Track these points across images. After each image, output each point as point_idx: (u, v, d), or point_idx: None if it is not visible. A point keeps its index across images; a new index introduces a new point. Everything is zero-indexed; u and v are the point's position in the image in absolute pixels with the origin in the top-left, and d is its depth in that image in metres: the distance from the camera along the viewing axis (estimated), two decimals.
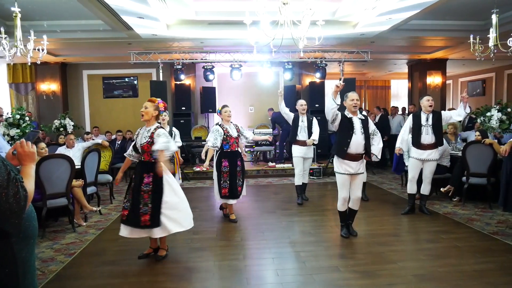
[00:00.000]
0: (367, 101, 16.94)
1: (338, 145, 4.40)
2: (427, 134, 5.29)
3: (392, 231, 4.92)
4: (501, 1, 6.20)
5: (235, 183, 5.27)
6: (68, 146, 6.54)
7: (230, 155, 5.28)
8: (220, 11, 7.14)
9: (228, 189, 5.24)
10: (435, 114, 5.32)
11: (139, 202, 3.81)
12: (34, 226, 2.10)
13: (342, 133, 4.36)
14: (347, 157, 4.32)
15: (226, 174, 5.24)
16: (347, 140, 4.29)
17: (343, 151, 4.33)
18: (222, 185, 5.24)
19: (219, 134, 5.21)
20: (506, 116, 6.69)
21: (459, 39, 8.48)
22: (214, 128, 5.30)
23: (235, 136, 5.33)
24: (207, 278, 3.61)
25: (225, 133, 5.23)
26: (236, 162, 5.31)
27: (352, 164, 4.36)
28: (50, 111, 10.53)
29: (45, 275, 3.68)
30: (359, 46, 9.30)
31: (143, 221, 3.78)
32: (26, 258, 1.97)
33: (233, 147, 5.30)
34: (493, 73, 13.95)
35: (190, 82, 11.08)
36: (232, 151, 5.29)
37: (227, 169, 5.25)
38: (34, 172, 2.01)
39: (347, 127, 4.32)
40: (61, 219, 5.61)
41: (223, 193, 5.24)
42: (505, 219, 5.19)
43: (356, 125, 4.33)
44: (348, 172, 4.38)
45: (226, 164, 5.25)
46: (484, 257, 3.93)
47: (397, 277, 3.51)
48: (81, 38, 7.96)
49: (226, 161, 5.25)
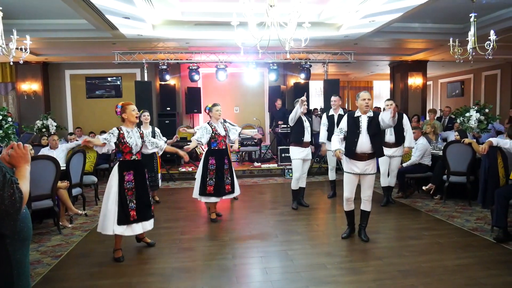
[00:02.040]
0: (350, 102, 17.19)
1: (346, 145, 4.41)
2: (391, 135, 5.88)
3: (376, 228, 5.03)
4: (479, 5, 6.43)
5: (222, 181, 5.32)
6: (52, 147, 6.45)
7: (218, 153, 5.32)
8: (206, 12, 7.16)
9: (213, 187, 5.28)
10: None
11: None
12: (29, 228, 2.10)
13: (348, 134, 4.37)
14: (354, 156, 4.31)
15: (212, 171, 5.29)
16: (354, 139, 4.30)
17: (352, 151, 4.31)
18: (208, 182, 5.28)
19: (207, 131, 5.26)
20: (484, 117, 6.91)
21: (439, 41, 8.72)
22: (203, 125, 5.37)
23: (223, 135, 5.37)
24: (196, 277, 3.64)
25: (214, 131, 5.28)
26: (223, 160, 5.36)
27: (358, 165, 4.32)
28: (32, 111, 10.33)
29: (32, 278, 3.64)
30: (342, 47, 9.45)
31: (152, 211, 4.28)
32: (21, 259, 1.97)
33: (220, 145, 5.33)
34: (471, 75, 14.36)
35: (175, 82, 11.05)
36: (220, 149, 5.33)
37: (213, 167, 5.30)
38: (29, 174, 2.02)
39: (354, 127, 4.33)
40: (45, 221, 5.55)
41: (208, 190, 5.27)
42: (483, 216, 5.38)
43: (363, 124, 4.31)
44: (354, 172, 4.36)
45: (213, 162, 5.30)
46: (465, 252, 4.08)
47: (383, 273, 3.61)
48: (64, 37, 7.85)
49: (213, 159, 5.30)
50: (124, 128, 4.09)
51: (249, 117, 11.61)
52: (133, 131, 4.14)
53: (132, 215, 4.02)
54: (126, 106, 4.13)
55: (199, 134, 5.24)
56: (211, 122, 5.37)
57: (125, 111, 4.10)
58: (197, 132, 5.36)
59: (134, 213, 4.03)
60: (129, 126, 4.12)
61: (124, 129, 4.08)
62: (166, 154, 10.30)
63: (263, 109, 11.98)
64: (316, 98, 15.97)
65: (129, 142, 4.04)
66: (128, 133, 4.07)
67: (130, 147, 4.04)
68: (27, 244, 2.04)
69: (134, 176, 4.07)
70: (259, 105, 11.99)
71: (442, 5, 6.58)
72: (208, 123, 5.37)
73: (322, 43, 8.92)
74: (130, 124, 4.12)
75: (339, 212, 5.85)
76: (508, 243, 4.26)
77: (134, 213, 4.03)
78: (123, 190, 3.99)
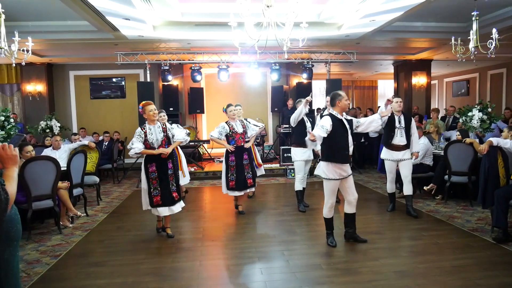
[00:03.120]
0: (355, 101, 17.11)
1: (334, 150, 4.14)
2: (401, 136, 5.44)
3: (375, 229, 5.02)
4: (482, 3, 6.36)
5: (243, 175, 5.69)
6: (54, 147, 6.52)
7: (237, 150, 5.66)
8: (206, 13, 7.17)
9: (235, 182, 5.66)
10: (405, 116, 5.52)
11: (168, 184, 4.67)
12: (18, 229, 2.13)
13: (337, 137, 4.12)
14: (348, 159, 4.18)
15: (233, 167, 5.68)
16: (346, 142, 4.16)
17: (345, 155, 4.13)
18: (229, 178, 5.69)
19: (224, 130, 5.67)
20: (487, 116, 6.84)
21: (442, 40, 8.63)
22: (221, 125, 5.72)
23: (241, 132, 5.71)
24: (192, 277, 3.65)
25: (231, 129, 5.66)
26: (242, 156, 5.71)
27: (345, 168, 4.19)
28: (36, 112, 10.43)
29: (30, 277, 3.69)
30: (345, 47, 9.41)
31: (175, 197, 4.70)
32: (9, 260, 2.00)
33: (239, 142, 5.68)
34: (476, 74, 14.21)
35: (177, 83, 11.09)
36: (238, 146, 5.67)
37: (233, 163, 5.69)
38: (17, 175, 2.04)
39: (342, 129, 4.17)
40: (47, 221, 5.60)
41: (230, 185, 5.69)
42: (485, 216, 5.33)
43: (347, 126, 4.23)
44: (342, 177, 4.19)
45: (232, 158, 5.69)
46: (462, 253, 4.05)
47: (378, 273, 3.60)
48: (66, 39, 7.91)
49: (233, 156, 5.68)
50: (147, 126, 4.63)
51: (252, 117, 11.38)
52: (155, 127, 4.64)
53: (156, 201, 4.63)
54: (146, 106, 4.61)
55: (217, 134, 5.65)
56: (229, 121, 5.74)
57: (145, 111, 4.61)
58: (215, 130, 5.71)
59: (158, 199, 4.63)
60: (150, 124, 4.63)
61: (147, 127, 4.62)
62: None
63: (266, 109, 11.97)
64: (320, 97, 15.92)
65: (149, 139, 4.57)
66: (150, 130, 4.61)
67: (151, 143, 4.57)
68: (15, 244, 2.06)
69: (156, 167, 4.63)
70: (262, 105, 11.99)
71: (444, 3, 6.52)
72: (226, 122, 5.75)
73: (323, 42, 8.89)
74: (150, 122, 4.62)
75: (339, 212, 5.83)
76: (508, 244, 4.22)
77: (158, 198, 4.63)
78: (148, 179, 4.64)
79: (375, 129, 4.61)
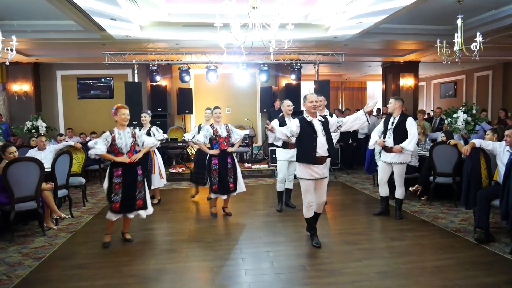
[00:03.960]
0: (344, 102, 17.22)
1: (302, 151, 4.22)
2: (389, 138, 5.33)
3: (361, 230, 5.05)
4: (466, 7, 6.45)
5: (226, 179, 5.58)
6: (39, 148, 6.44)
7: (220, 154, 5.57)
8: (193, 13, 7.15)
9: (217, 185, 5.57)
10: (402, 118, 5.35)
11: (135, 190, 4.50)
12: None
13: (305, 138, 4.19)
14: (316, 161, 4.17)
15: (215, 171, 5.57)
16: (313, 144, 4.16)
17: (312, 156, 4.15)
18: (212, 181, 5.61)
19: (209, 133, 5.57)
20: (471, 118, 6.93)
21: (429, 42, 8.73)
22: (206, 128, 5.64)
23: (225, 136, 5.61)
24: (175, 279, 3.64)
25: (215, 133, 5.56)
26: (226, 160, 5.61)
27: (317, 169, 4.22)
28: (22, 112, 10.30)
29: (11, 280, 3.64)
30: (333, 48, 9.47)
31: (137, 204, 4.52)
32: None
33: (222, 146, 5.58)
34: (463, 76, 14.41)
35: (166, 83, 11.04)
36: (222, 150, 5.57)
37: (216, 167, 5.57)
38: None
39: (310, 131, 4.19)
40: (31, 223, 5.53)
41: (214, 188, 5.61)
42: (468, 217, 5.40)
43: (317, 127, 4.22)
44: (314, 177, 4.24)
45: (215, 162, 5.57)
46: (445, 253, 4.10)
47: (361, 274, 3.62)
48: (53, 38, 7.83)
49: (216, 159, 5.57)
50: (116, 130, 4.45)
51: (241, 118, 11.60)
52: (124, 132, 4.47)
53: (114, 207, 4.41)
54: (120, 109, 4.46)
55: (202, 138, 5.55)
56: (213, 124, 5.67)
57: (117, 114, 4.45)
58: (200, 134, 5.63)
59: (117, 206, 4.41)
60: (120, 128, 4.47)
61: (116, 131, 4.44)
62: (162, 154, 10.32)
63: (255, 110, 11.97)
64: None
65: (118, 143, 4.39)
66: (119, 135, 4.42)
67: (119, 148, 4.40)
68: None
69: (122, 172, 4.42)
70: (251, 106, 11.99)
71: (430, 6, 6.60)
72: (210, 125, 5.69)
73: (312, 44, 8.93)
74: (120, 126, 4.46)
75: (325, 213, 5.86)
76: (489, 244, 4.29)
77: (117, 205, 4.41)
78: (111, 183, 4.42)
79: (361, 127, 4.60)
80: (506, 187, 4.07)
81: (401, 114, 5.36)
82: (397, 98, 5.46)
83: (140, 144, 4.61)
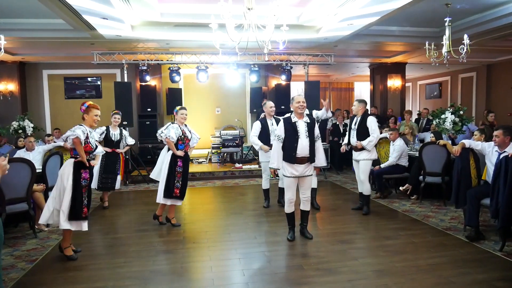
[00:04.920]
0: (332, 103, 17.36)
1: (285, 150, 4.43)
2: (353, 137, 5.71)
3: (354, 229, 5.12)
4: (454, 10, 6.60)
5: (185, 183, 5.35)
6: (28, 149, 6.33)
7: (185, 156, 5.31)
8: (185, 14, 7.13)
9: (179, 190, 5.25)
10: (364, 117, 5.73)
11: None
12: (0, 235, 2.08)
13: (287, 138, 4.41)
14: (295, 160, 4.38)
15: (179, 174, 5.26)
16: (294, 144, 4.37)
17: (292, 156, 4.38)
18: (175, 185, 5.21)
19: (178, 133, 5.21)
20: (459, 119, 7.09)
21: (417, 44, 8.90)
22: (174, 126, 5.22)
23: (189, 138, 5.38)
24: (173, 280, 3.63)
25: (183, 133, 5.26)
26: (188, 163, 5.42)
27: (298, 168, 4.42)
28: (8, 112, 10.07)
29: (5, 283, 3.57)
30: (323, 49, 9.55)
31: None
32: None
33: (186, 148, 5.36)
34: (448, 77, 14.70)
35: (155, 83, 10.96)
36: (186, 152, 5.35)
37: (181, 169, 5.28)
38: None
39: (293, 132, 4.39)
40: (21, 225, 5.44)
41: (174, 193, 5.21)
42: (457, 216, 5.52)
43: (301, 129, 4.40)
44: (294, 175, 4.45)
45: (180, 164, 5.28)
46: (437, 251, 4.19)
47: (357, 273, 3.68)
48: (40, 37, 7.69)
49: (181, 162, 5.28)
50: (88, 129, 4.22)
51: (231, 118, 11.60)
52: (92, 132, 4.30)
53: (85, 212, 4.21)
54: (92, 108, 4.24)
55: (174, 135, 5.16)
56: (178, 124, 5.28)
57: (88, 113, 4.22)
58: (169, 132, 5.19)
59: (86, 210, 4.23)
60: (88, 127, 4.24)
61: (88, 129, 4.21)
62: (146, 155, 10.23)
63: (245, 110, 11.98)
64: None
65: (91, 142, 4.22)
66: (90, 133, 4.24)
67: (92, 147, 4.23)
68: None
69: (89, 174, 4.25)
70: (241, 107, 12.00)
71: (418, 9, 6.71)
72: (178, 125, 5.27)
73: (302, 45, 9.00)
74: (89, 126, 4.26)
75: (317, 212, 5.92)
76: (479, 242, 4.40)
77: (86, 209, 4.23)
78: (79, 187, 4.14)
79: None
80: (496, 186, 4.18)
81: (363, 114, 5.71)
82: (361, 100, 5.89)
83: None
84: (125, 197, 7.52)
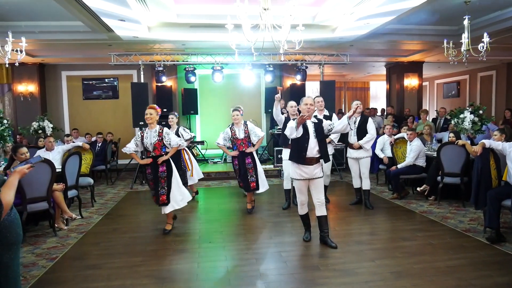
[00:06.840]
0: (347, 102, 17.23)
1: (294, 150, 4.35)
2: (354, 136, 5.94)
3: (370, 230, 5.08)
4: (473, 7, 6.47)
5: (247, 179, 5.81)
6: (48, 149, 6.45)
7: (239, 155, 5.80)
8: (201, 14, 7.17)
9: (242, 183, 5.94)
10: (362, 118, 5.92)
11: (158, 186, 4.85)
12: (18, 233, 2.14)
13: (297, 138, 4.25)
14: (304, 161, 4.27)
15: (237, 171, 5.95)
16: (304, 145, 4.26)
17: (301, 156, 4.27)
18: (238, 179, 6.05)
19: (228, 136, 5.85)
20: (478, 118, 6.95)
21: (434, 43, 8.75)
22: (225, 131, 5.90)
23: (241, 138, 5.77)
24: (190, 279, 3.66)
25: (232, 135, 5.79)
26: (245, 161, 5.80)
27: (307, 170, 4.30)
28: (28, 112, 10.31)
29: (27, 281, 3.66)
30: (338, 49, 9.48)
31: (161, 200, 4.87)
32: (8, 263, 2.00)
33: (240, 148, 5.78)
34: (467, 76, 14.42)
35: (171, 83, 11.06)
36: (240, 151, 5.78)
37: (237, 167, 5.91)
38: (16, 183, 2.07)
39: (302, 132, 4.25)
40: (41, 223, 5.56)
41: (240, 185, 6.07)
42: (477, 217, 5.42)
43: (310, 129, 4.31)
44: (303, 178, 4.34)
45: (236, 162, 5.91)
46: (456, 253, 4.12)
47: (375, 274, 3.65)
48: (60, 39, 7.85)
49: (236, 160, 5.88)
50: (146, 129, 4.88)
51: (246, 118, 11.47)
52: (151, 131, 4.82)
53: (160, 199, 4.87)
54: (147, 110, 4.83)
55: (222, 140, 5.86)
56: (232, 126, 5.86)
57: None
58: (220, 136, 5.91)
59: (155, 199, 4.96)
60: (149, 127, 4.85)
61: (146, 131, 4.87)
62: None
63: (260, 110, 11.99)
64: None
65: (144, 142, 4.83)
66: (147, 134, 4.84)
67: (145, 147, 4.85)
68: (15, 248, 2.07)
69: (151, 169, 4.86)
70: (256, 107, 12.01)
71: (436, 7, 6.61)
72: (229, 127, 5.89)
73: (317, 44, 8.95)
74: (149, 125, 4.84)
75: (332, 213, 5.89)
76: (500, 244, 4.31)
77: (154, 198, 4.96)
78: (147, 180, 5.04)
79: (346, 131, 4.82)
80: None
81: (362, 115, 5.95)
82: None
83: (166, 144, 4.86)
84: (142, 196, 7.61)
